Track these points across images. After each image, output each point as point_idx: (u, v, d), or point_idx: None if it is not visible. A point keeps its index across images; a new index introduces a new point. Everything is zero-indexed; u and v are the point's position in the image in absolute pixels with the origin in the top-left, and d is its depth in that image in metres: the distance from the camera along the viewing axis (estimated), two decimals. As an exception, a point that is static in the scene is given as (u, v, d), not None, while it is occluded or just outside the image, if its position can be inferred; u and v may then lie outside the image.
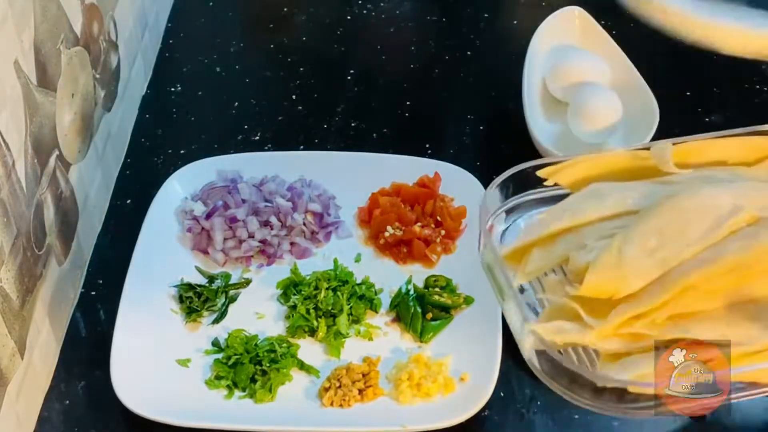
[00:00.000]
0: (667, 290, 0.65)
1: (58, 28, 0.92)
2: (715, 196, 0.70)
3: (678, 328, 0.66)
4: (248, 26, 1.32)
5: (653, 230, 0.68)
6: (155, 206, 1.05)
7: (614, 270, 0.66)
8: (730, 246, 0.67)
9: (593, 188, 0.74)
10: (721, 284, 0.66)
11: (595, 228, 0.71)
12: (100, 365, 0.92)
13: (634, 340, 0.66)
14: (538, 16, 1.23)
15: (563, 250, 0.72)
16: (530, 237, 0.73)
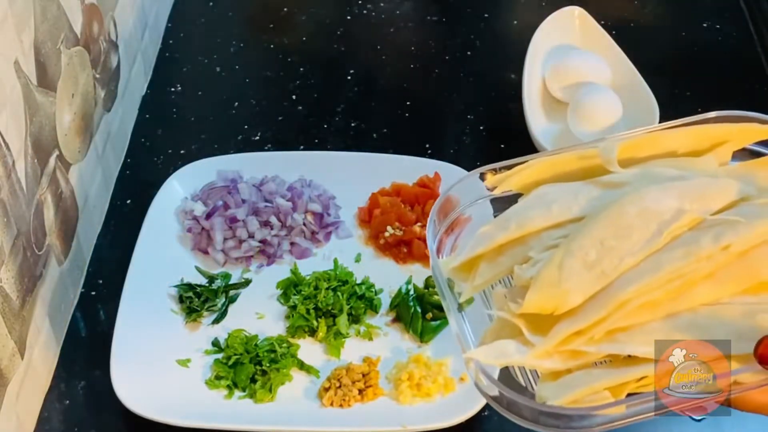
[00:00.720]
0: (605, 306, 0.64)
1: (58, 28, 0.92)
2: (658, 199, 0.68)
3: (615, 344, 0.65)
4: (248, 26, 1.32)
5: (594, 241, 0.66)
6: (155, 206, 1.05)
7: (554, 287, 0.65)
8: (669, 255, 0.65)
9: (540, 193, 0.73)
10: (660, 296, 0.65)
11: (540, 238, 0.70)
12: (100, 365, 0.92)
13: (574, 358, 0.65)
14: (538, 16, 1.23)
15: (510, 261, 0.71)
16: (478, 249, 0.71)
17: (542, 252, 0.68)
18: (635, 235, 0.66)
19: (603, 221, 0.67)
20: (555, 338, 0.65)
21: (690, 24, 1.34)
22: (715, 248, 0.64)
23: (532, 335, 0.65)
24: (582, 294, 0.64)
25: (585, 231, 0.67)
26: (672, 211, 0.66)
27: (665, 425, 0.89)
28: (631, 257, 0.65)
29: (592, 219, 0.68)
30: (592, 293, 0.65)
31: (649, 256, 0.65)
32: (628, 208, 0.67)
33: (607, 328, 0.64)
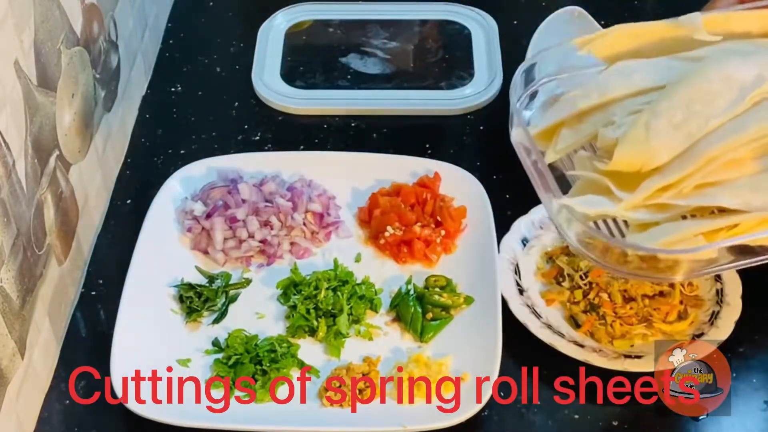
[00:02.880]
0: (693, 162, 0.68)
1: (58, 28, 0.92)
2: (739, 67, 0.72)
3: (704, 196, 0.68)
4: (248, 26, 1.32)
5: (679, 104, 0.70)
6: (155, 206, 1.05)
7: (642, 144, 0.69)
8: (753, 116, 0.69)
9: (620, 65, 0.76)
10: (744, 154, 0.69)
11: (623, 105, 0.73)
12: (100, 365, 0.92)
13: (662, 210, 0.69)
14: (538, 16, 1.23)
15: (592, 127, 0.74)
16: (559, 116, 0.75)
17: (626, 116, 0.72)
18: (719, 99, 0.70)
19: (687, 87, 0.71)
20: (644, 192, 0.68)
21: (690, 24, 1.33)
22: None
23: (619, 191, 0.69)
24: (670, 151, 0.68)
25: (670, 95, 0.71)
26: (753, 78, 0.70)
27: (665, 424, 0.89)
28: (717, 119, 0.69)
29: (675, 85, 0.72)
30: (679, 151, 0.68)
31: (733, 118, 0.69)
32: (711, 75, 0.71)
33: (695, 182, 0.68)
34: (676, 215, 0.70)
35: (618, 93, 0.74)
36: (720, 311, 0.94)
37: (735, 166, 0.69)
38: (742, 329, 0.94)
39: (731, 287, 0.96)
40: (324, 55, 1.29)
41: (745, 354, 0.93)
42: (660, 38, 0.78)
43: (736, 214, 0.69)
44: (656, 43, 0.78)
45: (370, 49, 1.30)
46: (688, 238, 0.69)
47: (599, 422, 0.90)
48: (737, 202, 0.69)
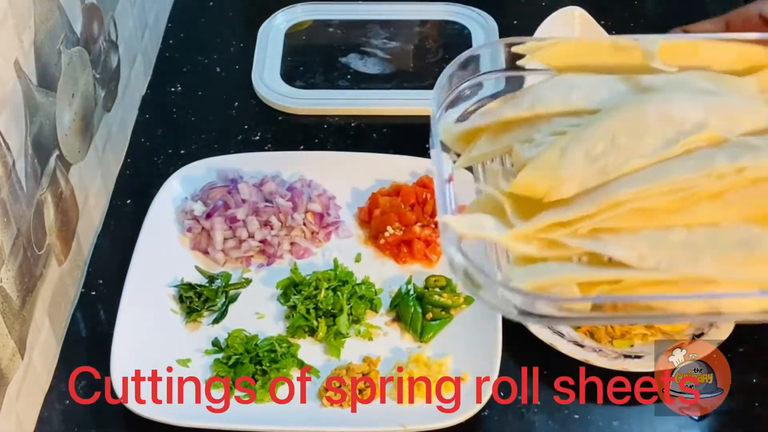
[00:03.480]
0: (598, 201, 0.61)
1: (58, 29, 0.92)
2: (684, 107, 0.64)
3: (597, 241, 0.61)
4: (248, 26, 1.32)
5: (604, 135, 0.62)
6: (155, 206, 1.05)
7: (551, 171, 0.62)
8: (679, 165, 0.61)
9: (562, 79, 0.69)
10: (658, 204, 0.61)
11: (551, 122, 0.66)
12: (100, 365, 0.92)
13: (552, 248, 0.62)
14: (538, 16, 1.23)
15: (512, 139, 0.67)
16: (483, 121, 0.68)
17: (548, 136, 0.65)
18: (649, 138, 0.63)
19: (620, 117, 0.64)
20: (538, 223, 0.61)
21: (690, 24, 1.33)
22: (729, 168, 0.61)
23: (515, 217, 0.62)
24: (578, 185, 0.62)
25: (598, 122, 0.64)
26: (694, 123, 0.63)
27: (665, 424, 0.89)
28: (639, 159, 0.62)
29: (609, 112, 0.65)
30: (588, 186, 0.62)
31: (657, 162, 0.62)
32: (650, 110, 0.64)
33: (594, 224, 0.61)
34: (566, 256, 0.62)
35: (549, 109, 0.67)
36: (720, 311, 0.94)
37: (644, 215, 0.62)
38: (742, 329, 0.94)
39: (731, 287, 0.95)
40: (324, 55, 1.29)
41: (745, 354, 0.93)
42: (614, 60, 0.69)
43: (627, 268, 0.61)
44: (609, 64, 0.70)
45: (370, 49, 1.30)
46: (563, 283, 0.61)
47: (599, 422, 0.90)
48: (630, 255, 0.61)
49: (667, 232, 0.61)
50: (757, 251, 0.60)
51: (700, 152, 0.62)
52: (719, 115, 0.64)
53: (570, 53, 0.70)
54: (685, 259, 0.60)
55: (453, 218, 0.63)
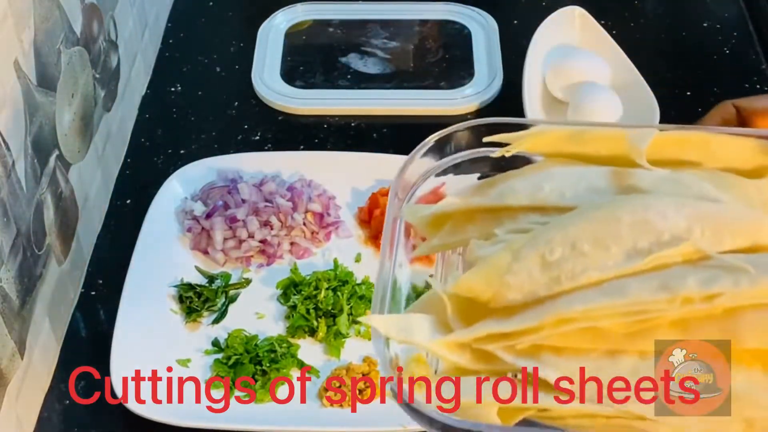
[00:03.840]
0: (543, 316, 0.53)
1: (58, 28, 0.92)
2: (667, 214, 0.55)
3: (534, 361, 0.55)
4: (248, 26, 1.32)
5: (565, 240, 0.55)
6: (155, 206, 1.05)
7: (498, 275, 0.55)
8: (641, 284, 0.53)
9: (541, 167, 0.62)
10: (610, 326, 0.54)
11: (517, 217, 0.59)
12: (100, 365, 0.92)
13: (486, 361, 0.56)
14: (538, 16, 1.23)
15: (476, 232, 0.60)
16: (449, 207, 0.61)
17: (509, 233, 0.58)
18: (616, 247, 0.54)
19: (588, 220, 0.56)
20: (475, 332, 0.55)
21: (690, 24, 1.34)
22: (699, 293, 0.52)
23: (455, 320, 0.56)
24: (525, 294, 0.55)
25: (562, 225, 0.56)
26: (674, 234, 0.54)
27: (665, 425, 0.89)
28: (598, 272, 0.54)
29: (579, 214, 0.57)
30: (537, 297, 0.54)
31: (620, 277, 0.54)
32: (624, 215, 0.55)
33: (535, 341, 0.54)
34: (500, 371, 0.56)
35: (518, 201, 0.59)
36: (720, 311, 0.93)
37: (594, 335, 0.54)
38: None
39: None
40: (324, 55, 1.29)
41: (746, 354, 0.93)
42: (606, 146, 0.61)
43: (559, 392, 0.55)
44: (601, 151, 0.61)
45: (370, 49, 1.30)
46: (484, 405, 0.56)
47: (599, 422, 0.90)
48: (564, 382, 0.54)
49: (615, 359, 0.54)
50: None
51: (671, 270, 0.53)
52: (707, 226, 0.55)
53: (555, 141, 0.62)
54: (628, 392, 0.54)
55: (380, 319, 0.56)
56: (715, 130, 0.61)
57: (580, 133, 0.62)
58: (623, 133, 0.60)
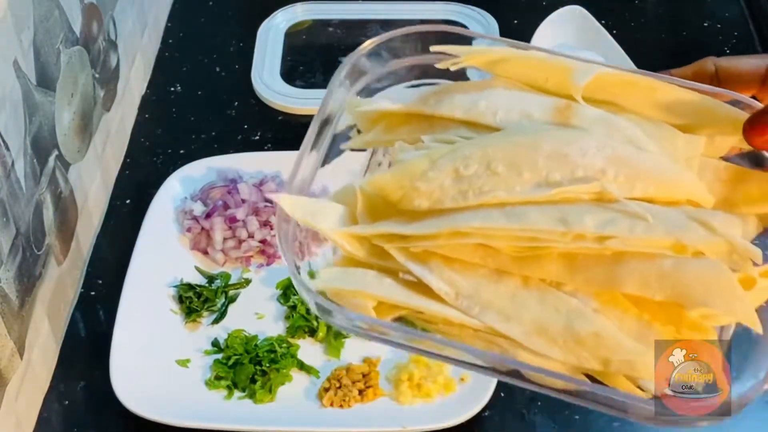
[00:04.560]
0: (441, 226, 0.55)
1: (57, 28, 0.92)
2: (585, 151, 0.56)
3: (422, 266, 0.56)
4: (248, 26, 1.32)
5: (483, 157, 0.56)
6: (155, 206, 1.04)
7: (411, 179, 0.56)
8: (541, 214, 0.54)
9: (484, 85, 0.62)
10: (503, 248, 0.55)
11: (448, 127, 0.60)
12: (100, 365, 0.92)
13: (380, 257, 0.57)
14: (539, 16, 1.23)
15: (406, 134, 0.61)
16: (388, 106, 0.63)
17: (436, 142, 0.59)
18: (530, 174, 0.55)
19: (510, 143, 0.57)
20: (377, 229, 0.56)
21: (690, 24, 1.34)
22: (593, 232, 0.53)
23: (364, 215, 0.58)
24: (431, 202, 0.56)
25: (484, 143, 0.57)
26: (587, 172, 0.55)
27: (666, 425, 0.89)
28: (504, 194, 0.55)
29: (503, 135, 0.58)
30: (442, 207, 0.56)
31: (524, 203, 0.55)
32: (545, 144, 0.56)
33: (429, 248, 0.55)
34: (391, 269, 0.57)
35: (452, 113, 0.60)
36: (720, 311, 0.93)
37: (485, 253, 0.55)
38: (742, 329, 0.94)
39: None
40: (324, 55, 1.29)
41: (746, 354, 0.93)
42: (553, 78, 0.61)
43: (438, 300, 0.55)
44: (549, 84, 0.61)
45: (370, 48, 1.30)
46: (362, 297, 0.56)
47: (599, 423, 0.90)
48: (447, 290, 0.55)
49: (499, 279, 0.55)
50: (579, 332, 0.54)
51: (574, 206, 0.54)
52: (622, 170, 0.56)
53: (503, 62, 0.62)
54: (499, 312, 0.55)
55: (289, 199, 0.58)
56: (665, 78, 0.61)
57: (529, 58, 0.62)
58: (569, 67, 0.60)
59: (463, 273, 0.56)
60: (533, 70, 0.61)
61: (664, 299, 0.54)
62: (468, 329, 0.56)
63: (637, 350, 0.54)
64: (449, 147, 0.58)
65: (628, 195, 0.55)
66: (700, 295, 0.53)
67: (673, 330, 0.55)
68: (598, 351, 0.54)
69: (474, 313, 0.55)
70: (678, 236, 0.53)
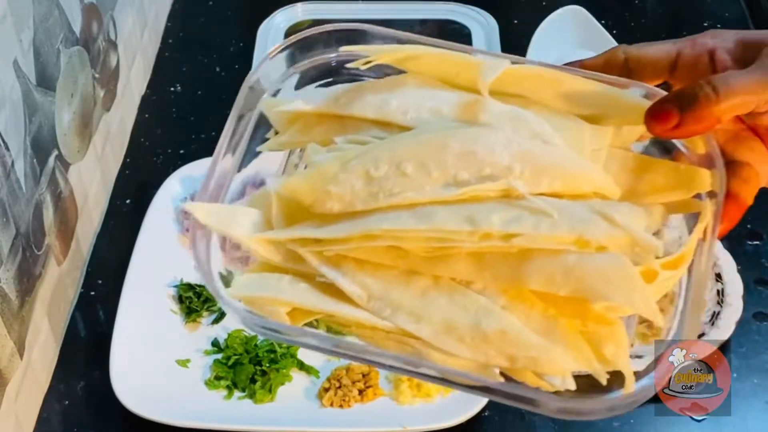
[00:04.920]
0: (352, 229, 0.55)
1: (57, 28, 0.92)
2: (493, 149, 0.56)
3: (335, 270, 0.56)
4: (248, 26, 1.32)
5: (393, 158, 0.56)
6: (155, 206, 1.04)
7: (323, 183, 0.56)
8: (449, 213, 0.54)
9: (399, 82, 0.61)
10: (413, 248, 0.55)
11: (361, 127, 0.60)
12: (100, 365, 0.91)
13: (295, 261, 0.57)
14: (538, 16, 1.23)
15: (321, 135, 0.61)
16: (300, 106, 0.62)
17: (349, 143, 0.60)
18: (439, 173, 0.56)
19: (419, 142, 0.57)
20: (291, 233, 0.57)
21: (690, 24, 1.34)
22: (500, 231, 0.54)
23: (279, 219, 0.58)
24: (343, 204, 0.56)
25: (394, 143, 0.57)
26: (495, 169, 0.56)
27: (666, 425, 0.89)
28: (414, 194, 0.55)
29: (412, 134, 0.58)
30: (354, 209, 0.56)
31: (434, 203, 0.55)
32: (454, 143, 0.56)
33: (342, 251, 0.56)
34: (306, 273, 0.57)
35: (364, 112, 0.60)
36: (721, 312, 0.94)
37: (397, 254, 0.55)
38: (742, 329, 0.94)
39: (732, 288, 0.95)
40: (324, 55, 1.29)
41: (746, 354, 0.93)
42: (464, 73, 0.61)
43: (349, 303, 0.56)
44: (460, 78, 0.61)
45: (370, 48, 1.30)
46: (275, 303, 0.57)
47: (599, 422, 0.90)
48: (359, 293, 0.55)
49: (409, 280, 0.56)
50: (486, 330, 0.54)
51: (482, 204, 0.55)
52: (528, 166, 0.56)
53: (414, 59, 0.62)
54: (410, 313, 0.55)
55: (201, 207, 0.58)
56: (572, 71, 0.62)
57: (440, 55, 0.61)
58: (478, 62, 0.60)
59: (374, 275, 0.56)
60: (445, 66, 0.61)
61: (569, 294, 0.54)
62: (380, 331, 0.56)
63: (541, 346, 0.54)
64: (360, 148, 0.58)
65: (535, 191, 0.55)
66: (601, 289, 0.53)
67: (578, 323, 0.55)
68: (505, 348, 0.54)
69: (385, 315, 0.55)
70: (581, 231, 0.54)
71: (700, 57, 0.62)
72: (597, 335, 0.55)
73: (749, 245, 1.04)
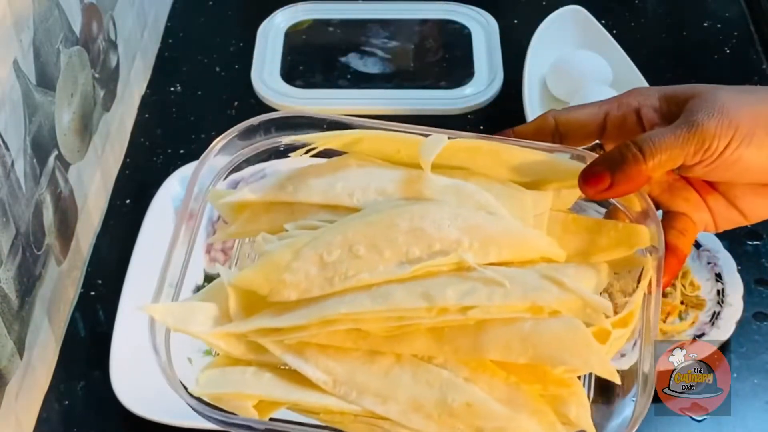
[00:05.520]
0: (310, 316, 0.55)
1: (57, 28, 0.92)
2: (440, 225, 0.57)
3: (298, 357, 0.56)
4: (248, 26, 1.32)
5: (344, 241, 0.57)
6: (155, 206, 1.04)
7: (277, 272, 0.57)
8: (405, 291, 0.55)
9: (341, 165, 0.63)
10: (374, 329, 0.56)
11: (309, 213, 0.61)
12: (100, 365, 0.91)
13: (257, 352, 0.58)
14: (539, 16, 1.23)
15: (270, 223, 0.62)
16: (248, 195, 0.63)
17: (299, 229, 0.60)
18: (390, 253, 0.56)
19: (369, 224, 0.58)
20: (250, 325, 0.57)
21: (690, 24, 1.33)
22: (455, 304, 0.55)
23: (236, 311, 0.58)
24: (299, 292, 0.56)
25: (344, 226, 0.58)
26: (444, 244, 0.56)
27: (666, 425, 0.89)
28: (369, 276, 0.56)
29: (361, 216, 0.59)
30: (311, 296, 0.56)
31: (389, 282, 0.56)
32: (402, 222, 0.57)
33: (303, 338, 0.56)
34: (271, 363, 0.57)
35: (311, 198, 0.61)
36: (721, 311, 0.94)
37: (357, 336, 0.56)
38: (743, 330, 0.94)
39: (732, 288, 0.95)
40: (324, 55, 1.29)
41: (746, 354, 0.93)
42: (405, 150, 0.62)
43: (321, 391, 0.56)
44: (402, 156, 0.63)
45: (370, 48, 1.30)
46: (240, 398, 0.57)
47: (599, 422, 0.90)
48: (324, 379, 0.56)
49: (372, 360, 0.56)
50: (451, 404, 0.55)
51: (436, 280, 0.55)
52: (476, 238, 0.57)
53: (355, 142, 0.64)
54: (376, 395, 0.56)
55: (156, 308, 0.58)
56: (506, 140, 0.64)
57: (381, 136, 0.63)
58: (417, 140, 0.62)
59: (337, 358, 0.56)
60: (386, 144, 0.63)
61: (528, 362, 0.55)
62: (349, 415, 0.56)
63: (507, 416, 0.55)
64: (311, 234, 0.58)
65: (485, 261, 0.57)
66: (558, 354, 0.55)
67: (540, 388, 0.56)
68: (472, 420, 0.55)
69: (352, 398, 0.56)
70: (533, 299, 0.55)
71: (627, 116, 0.65)
72: (559, 398, 0.56)
73: (749, 245, 1.04)
